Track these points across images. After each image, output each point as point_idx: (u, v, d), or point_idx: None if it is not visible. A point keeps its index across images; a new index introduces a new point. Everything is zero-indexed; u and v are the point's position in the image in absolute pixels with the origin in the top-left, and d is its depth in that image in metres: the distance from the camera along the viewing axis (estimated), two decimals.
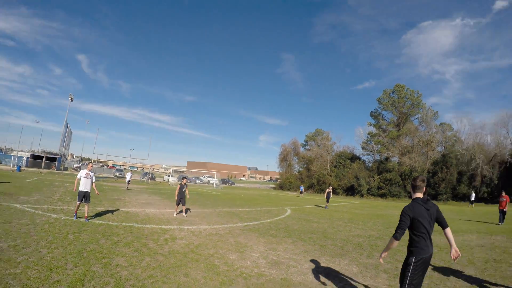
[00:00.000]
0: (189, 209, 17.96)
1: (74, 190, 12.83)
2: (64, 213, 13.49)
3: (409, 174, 55.47)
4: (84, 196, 12.42)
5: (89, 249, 8.04)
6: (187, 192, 16.75)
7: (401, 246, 11.01)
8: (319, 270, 7.73)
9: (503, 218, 19.13)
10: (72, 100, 68.57)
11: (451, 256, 4.56)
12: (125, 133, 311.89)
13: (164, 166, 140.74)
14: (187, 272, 6.81)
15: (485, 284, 7.32)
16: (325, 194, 28.40)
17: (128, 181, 33.70)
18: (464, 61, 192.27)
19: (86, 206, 12.54)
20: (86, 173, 12.64)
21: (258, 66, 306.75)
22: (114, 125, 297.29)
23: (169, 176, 65.42)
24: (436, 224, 4.76)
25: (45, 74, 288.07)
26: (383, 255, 4.96)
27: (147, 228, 11.76)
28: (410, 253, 4.70)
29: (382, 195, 56.57)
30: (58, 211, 13.74)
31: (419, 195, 4.81)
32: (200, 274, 6.72)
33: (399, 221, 4.69)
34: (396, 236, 4.65)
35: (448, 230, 4.75)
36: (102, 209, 15.62)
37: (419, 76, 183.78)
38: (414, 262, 4.56)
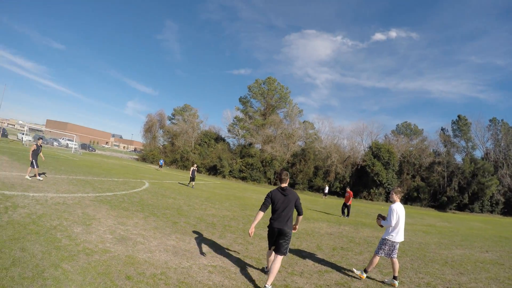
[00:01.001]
0: (44, 173, 16.92)
1: None
2: None
3: (270, 161, 59.04)
4: None
5: None
6: (41, 154, 15.99)
7: (257, 229, 11.57)
8: (168, 248, 7.72)
9: (348, 212, 20.85)
10: None
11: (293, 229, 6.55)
12: None
13: (20, 122, 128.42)
14: (24, 245, 6.28)
15: (331, 269, 7.97)
16: (190, 173, 27.26)
17: None
18: (335, 73, 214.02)
19: None
20: None
21: (139, 27, 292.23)
22: None
23: (23, 134, 59.38)
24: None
25: None
26: (252, 227, 6.38)
27: None
28: None
29: (243, 178, 58.73)
30: None
31: (283, 184, 6.63)
32: (39, 248, 6.25)
33: (264, 199, 6.59)
34: (261, 208, 6.49)
35: (300, 217, 6.74)
36: None
37: (292, 76, 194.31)
38: (267, 227, 6.65)
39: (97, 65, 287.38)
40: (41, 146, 16.20)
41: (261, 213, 6.43)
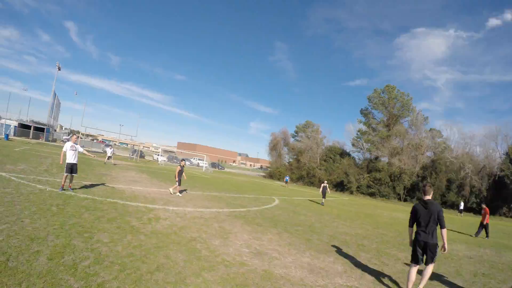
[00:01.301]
0: (185, 190, 18.18)
1: (60, 163, 12.74)
2: (49, 184, 13.18)
3: (398, 176, 55.09)
4: (72, 168, 12.47)
5: (72, 222, 7.83)
6: (184, 174, 17.15)
7: (391, 249, 10.94)
8: (303, 265, 7.55)
9: (486, 232, 18.37)
10: (59, 69, 67.15)
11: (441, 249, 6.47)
12: (115, 108, 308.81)
13: (154, 144, 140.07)
14: (168, 253, 6.63)
15: None
16: (321, 189, 26.39)
17: (109, 157, 33.01)
18: (456, 71, 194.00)
19: (71, 177, 12.68)
20: (72, 146, 12.60)
21: (252, 51, 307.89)
22: (103, 98, 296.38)
23: (158, 155, 64.76)
24: None
25: (32, 40, 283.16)
26: (410, 242, 6.72)
27: (132, 205, 11.54)
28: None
29: (372, 194, 56.04)
30: (43, 182, 13.44)
31: (426, 197, 6.64)
32: (181, 257, 6.54)
33: (410, 214, 6.81)
34: (409, 224, 6.85)
35: (443, 231, 6.42)
36: (88, 183, 15.35)
37: (410, 80, 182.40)
38: (413, 241, 6.64)
39: (218, 91, 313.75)
40: (183, 166, 17.32)
41: (410, 229, 6.82)
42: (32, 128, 61.67)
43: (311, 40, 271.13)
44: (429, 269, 6.47)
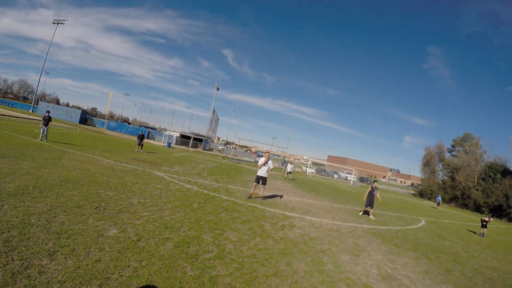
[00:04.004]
0: (373, 215, 17.69)
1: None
2: (198, 185, 14.45)
3: None
4: (261, 179, 14.42)
5: (207, 219, 8.44)
6: (378, 195, 17.39)
7: None
8: None
9: None
10: (218, 89, 72.80)
11: None
12: (270, 123, 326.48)
13: (305, 157, 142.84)
14: (290, 261, 6.70)
15: None
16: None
17: (289, 172, 34.36)
18: None
19: (262, 188, 14.58)
20: (264, 160, 14.36)
21: (403, 61, 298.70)
22: (258, 114, 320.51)
23: (307, 167, 65.62)
24: None
25: (194, 67, 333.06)
26: None
27: (270, 211, 11.95)
28: None
29: None
30: (192, 183, 14.75)
31: None
32: (303, 267, 6.54)
33: None
34: None
35: None
36: (234, 187, 16.34)
37: None
38: None
39: (370, 104, 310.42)
40: (376, 188, 17.43)
41: None
42: (191, 138, 69.32)
43: (467, 40, 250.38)
44: None
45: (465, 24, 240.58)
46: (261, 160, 14.37)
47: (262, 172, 14.31)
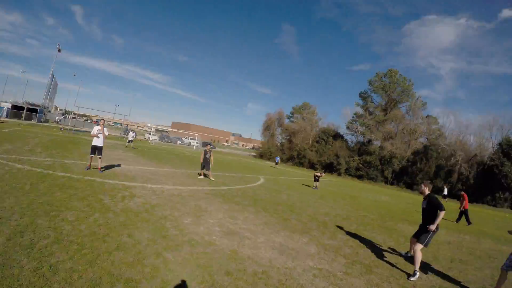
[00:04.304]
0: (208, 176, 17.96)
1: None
2: (30, 163, 12.88)
3: (388, 159, 55.67)
4: (96, 150, 13.71)
5: (41, 201, 7.63)
6: (211, 158, 17.44)
7: (370, 231, 10.89)
8: (274, 246, 7.44)
9: (467, 218, 18.31)
10: (59, 51, 65.29)
11: None
12: (114, 89, 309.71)
13: (148, 124, 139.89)
14: (132, 232, 6.48)
15: (446, 284, 7.10)
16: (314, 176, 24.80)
17: (130, 141, 32.94)
18: (461, 60, 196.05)
19: (99, 160, 13.76)
20: (99, 130, 13.80)
21: (257, 34, 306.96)
22: (103, 80, 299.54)
23: (150, 134, 64.17)
24: None
25: (36, 24, 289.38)
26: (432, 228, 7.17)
27: (110, 183, 11.34)
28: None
29: (360, 177, 56.71)
30: (24, 162, 13.14)
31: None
32: (146, 236, 6.39)
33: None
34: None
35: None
36: (70, 161, 15.14)
37: (414, 67, 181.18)
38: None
39: (218, 72, 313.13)
40: (209, 151, 17.58)
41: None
42: (25, 110, 60.83)
43: (320, 24, 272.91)
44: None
45: (323, 9, 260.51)
46: (95, 130, 13.70)
47: (97, 142, 13.62)
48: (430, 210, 7.41)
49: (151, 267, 5.03)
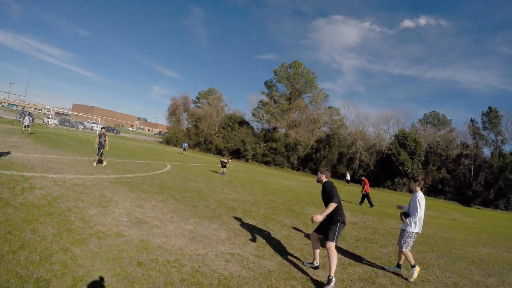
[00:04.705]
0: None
1: None
2: None
3: (293, 146, 58.50)
4: None
5: None
6: (107, 142, 16.86)
7: (278, 215, 11.23)
8: (184, 233, 7.50)
9: (369, 201, 19.95)
10: None
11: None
12: (8, 64, 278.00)
13: (47, 106, 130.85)
14: (36, 228, 6.12)
15: (354, 261, 7.65)
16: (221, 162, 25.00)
17: (27, 125, 29.77)
18: (363, 59, 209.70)
19: None
20: None
21: (164, 13, 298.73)
22: None
23: (49, 118, 59.46)
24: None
25: None
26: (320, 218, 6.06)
27: (6, 174, 10.48)
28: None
29: (267, 163, 58.65)
30: None
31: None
32: (50, 231, 6.08)
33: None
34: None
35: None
36: None
37: (318, 61, 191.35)
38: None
39: (123, 51, 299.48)
40: (104, 134, 16.98)
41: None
42: None
43: (230, 10, 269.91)
44: None
45: None
46: None
47: None
48: (326, 200, 6.56)
49: (59, 264, 4.82)
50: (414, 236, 7.06)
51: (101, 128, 17.80)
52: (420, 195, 6.97)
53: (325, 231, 6.41)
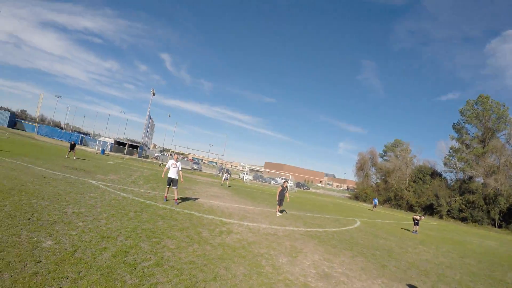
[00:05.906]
0: (285, 210, 18.57)
1: (162, 176, 15.08)
2: (133, 193, 14.08)
3: (493, 198, 49.71)
4: (172, 182, 14.07)
5: (144, 227, 8.34)
6: (287, 195, 17.55)
7: (476, 282, 10.18)
8: None
9: None
10: (154, 94, 72.37)
11: None
12: (206, 130, 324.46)
13: (242, 164, 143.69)
14: (229, 266, 6.66)
15: None
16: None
17: (225, 179, 33.68)
18: None
19: (175, 191, 14.18)
20: (173, 163, 14.25)
21: (339, 71, 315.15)
22: (195, 120, 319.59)
23: (244, 174, 64.91)
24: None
25: (131, 70, 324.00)
26: None
27: (207, 218, 11.83)
28: None
29: (463, 219, 51.61)
30: (128, 191, 14.36)
31: None
32: (242, 271, 6.53)
33: None
34: None
35: None
36: (170, 195, 15.97)
37: (506, 88, 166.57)
38: None
39: (306, 112, 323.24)
40: (286, 187, 17.77)
41: None
42: (126, 145, 66.91)
43: (398, 55, 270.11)
44: None
45: (397, 39, 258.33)
46: (169, 163, 14.30)
47: (172, 174, 14.09)
48: None
49: None
50: None
51: (284, 182, 18.30)
52: None
53: None
